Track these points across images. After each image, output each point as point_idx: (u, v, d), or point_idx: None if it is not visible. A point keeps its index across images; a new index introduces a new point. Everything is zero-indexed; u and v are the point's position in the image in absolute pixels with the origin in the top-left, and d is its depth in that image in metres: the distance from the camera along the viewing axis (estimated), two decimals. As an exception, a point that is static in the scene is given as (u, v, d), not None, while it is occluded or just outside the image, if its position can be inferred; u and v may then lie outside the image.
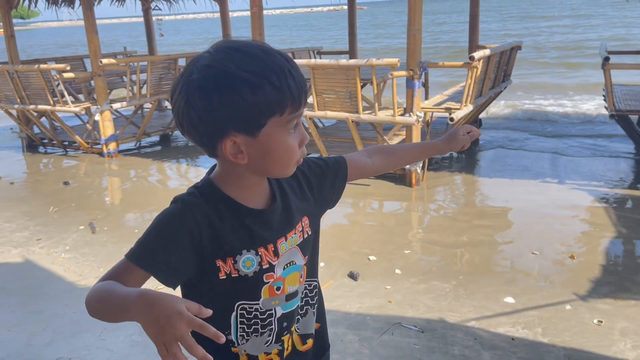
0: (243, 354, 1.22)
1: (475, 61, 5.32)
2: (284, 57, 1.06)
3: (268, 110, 1.03)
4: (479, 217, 4.85)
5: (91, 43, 7.30)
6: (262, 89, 1.01)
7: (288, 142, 1.09)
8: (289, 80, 1.03)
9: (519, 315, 3.15)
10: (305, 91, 1.09)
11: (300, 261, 1.25)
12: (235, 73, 1.01)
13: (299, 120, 1.11)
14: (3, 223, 5.08)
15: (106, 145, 7.59)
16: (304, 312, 1.30)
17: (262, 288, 1.18)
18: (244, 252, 1.13)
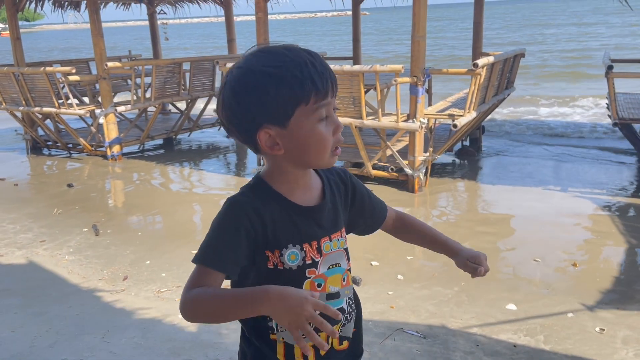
0: (281, 342, 1.27)
1: (478, 68, 5.34)
2: (307, 52, 1.14)
3: (293, 100, 1.11)
4: (481, 224, 4.85)
5: (97, 46, 7.34)
6: (284, 80, 1.10)
7: (318, 130, 1.15)
8: (311, 71, 1.11)
9: (520, 322, 3.15)
10: (331, 81, 1.14)
11: (345, 265, 1.32)
12: (259, 69, 1.11)
13: (329, 108, 1.16)
14: (7, 224, 5.11)
15: (110, 148, 7.62)
16: (350, 317, 1.35)
17: (304, 282, 1.24)
18: (289, 246, 1.21)
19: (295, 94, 1.11)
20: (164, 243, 4.56)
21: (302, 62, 1.11)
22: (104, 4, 10.01)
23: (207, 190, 6.45)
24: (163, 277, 3.89)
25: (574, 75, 15.43)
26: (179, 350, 2.94)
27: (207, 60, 8.62)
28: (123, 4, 10.66)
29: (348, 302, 1.33)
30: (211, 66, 8.58)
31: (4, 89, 8.01)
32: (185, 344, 3.00)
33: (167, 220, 5.32)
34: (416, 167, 5.71)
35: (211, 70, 8.63)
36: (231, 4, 9.89)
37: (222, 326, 3.16)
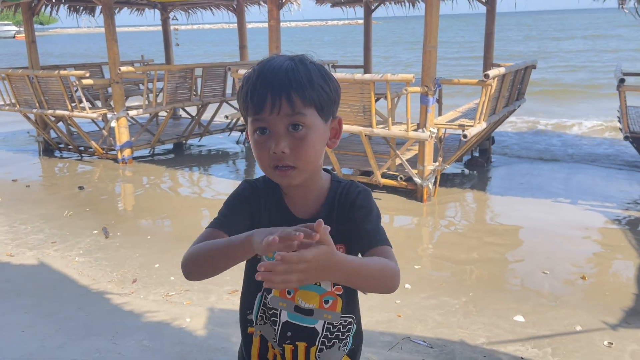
0: (257, 335, 1.34)
1: (489, 79, 5.35)
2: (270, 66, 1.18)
3: (244, 108, 1.21)
4: (489, 235, 4.85)
5: (111, 51, 7.43)
6: (242, 88, 1.21)
7: (253, 140, 1.22)
8: (253, 85, 1.17)
9: (528, 335, 3.14)
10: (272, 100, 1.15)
11: (327, 286, 1.29)
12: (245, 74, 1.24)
13: (272, 125, 1.17)
14: (19, 225, 5.16)
15: (121, 152, 7.69)
16: (331, 344, 1.32)
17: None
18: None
19: (243, 103, 1.20)
20: (172, 247, 4.58)
21: (255, 75, 1.17)
22: (118, 9, 10.13)
23: (215, 195, 6.48)
24: (172, 280, 3.91)
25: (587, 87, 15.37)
26: (186, 354, 2.96)
27: (219, 67, 8.68)
28: (137, 10, 10.77)
29: (328, 327, 1.30)
30: (223, 72, 8.64)
31: (18, 92, 8.11)
32: (193, 348, 3.02)
33: (176, 224, 5.35)
34: (425, 177, 5.71)
35: (222, 77, 8.69)
36: (244, 11, 9.97)
37: (232, 330, 3.18)
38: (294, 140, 1.17)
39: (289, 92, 1.14)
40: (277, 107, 1.15)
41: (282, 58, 1.20)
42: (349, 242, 1.28)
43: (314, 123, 1.19)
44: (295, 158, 1.18)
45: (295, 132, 1.17)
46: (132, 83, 9.34)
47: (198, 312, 3.43)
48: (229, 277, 3.91)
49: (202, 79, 8.40)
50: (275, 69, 1.16)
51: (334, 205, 1.29)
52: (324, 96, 1.19)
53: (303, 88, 1.15)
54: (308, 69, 1.18)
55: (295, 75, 1.15)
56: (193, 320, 3.33)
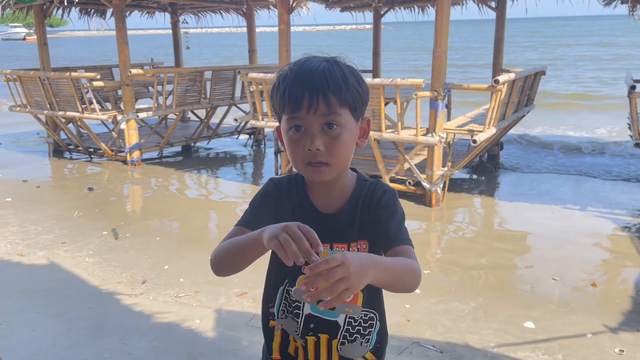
0: (278, 329, 1.39)
1: (499, 85, 5.35)
2: (307, 66, 1.21)
3: (279, 105, 1.25)
4: (498, 240, 4.83)
5: (121, 53, 7.48)
6: (278, 87, 1.24)
7: (287, 137, 1.25)
8: (290, 85, 1.20)
9: (538, 341, 3.12)
10: (309, 100, 1.19)
11: None
12: (279, 73, 1.27)
13: (307, 123, 1.20)
14: (29, 225, 5.20)
15: (130, 154, 7.73)
16: (352, 339, 1.35)
17: (299, 277, 1.32)
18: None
19: (279, 101, 1.23)
20: (181, 249, 4.60)
21: (293, 74, 1.21)
22: (129, 12, 10.20)
23: (223, 197, 6.50)
24: (181, 282, 3.92)
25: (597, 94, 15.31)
26: (196, 355, 2.97)
27: (228, 70, 8.72)
28: (147, 13, 10.84)
29: (349, 321, 1.33)
30: (232, 76, 8.68)
31: (29, 93, 8.18)
32: (203, 350, 3.03)
33: (184, 226, 5.37)
34: (434, 182, 5.71)
35: (232, 80, 8.73)
36: (253, 15, 10.01)
37: (241, 332, 3.19)
38: (328, 139, 1.21)
39: (326, 92, 1.18)
40: (315, 107, 1.18)
41: (318, 59, 1.24)
42: (372, 239, 1.32)
43: (348, 122, 1.24)
44: (328, 155, 1.22)
45: (330, 131, 1.21)
46: (142, 85, 9.40)
47: (207, 313, 3.44)
48: (237, 279, 3.93)
49: (212, 82, 8.44)
50: (312, 69, 1.20)
51: (358, 204, 1.33)
52: (357, 97, 1.24)
53: (339, 89, 1.20)
54: (343, 71, 1.22)
55: (332, 76, 1.20)
56: (202, 321, 3.34)
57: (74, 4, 8.68)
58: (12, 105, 8.66)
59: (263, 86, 6.30)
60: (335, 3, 9.45)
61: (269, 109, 6.41)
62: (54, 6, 8.35)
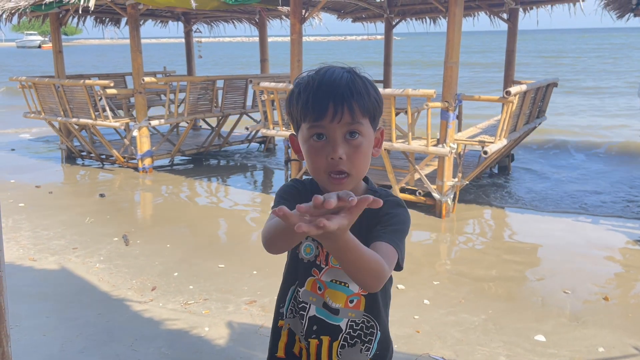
0: (285, 328, 1.42)
1: (511, 96, 5.34)
2: (329, 76, 1.22)
3: (300, 114, 1.24)
4: (509, 252, 4.80)
5: (135, 61, 7.56)
6: (298, 96, 1.24)
7: (307, 147, 1.24)
8: (312, 94, 1.21)
9: (549, 355, 3.09)
10: (334, 109, 1.19)
11: (355, 288, 1.35)
12: (298, 82, 1.28)
13: (330, 132, 1.21)
14: (41, 231, 5.24)
15: (142, 161, 7.79)
16: (353, 343, 1.38)
17: (308, 279, 1.37)
18: (309, 238, 1.33)
19: (301, 109, 1.23)
20: (191, 256, 4.62)
21: (316, 83, 1.21)
22: (143, 21, 10.32)
23: (233, 205, 6.52)
24: (190, 289, 3.93)
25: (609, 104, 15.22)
26: (204, 362, 2.97)
27: (240, 79, 8.79)
28: (161, 22, 10.96)
29: (351, 325, 1.36)
30: (244, 84, 8.74)
31: (44, 100, 8.29)
32: (212, 357, 3.03)
33: (195, 233, 5.39)
34: (444, 192, 5.69)
35: (243, 89, 8.79)
36: (265, 25, 10.09)
37: (250, 340, 3.18)
38: (350, 148, 1.22)
39: (351, 101, 1.20)
40: (340, 116, 1.20)
41: (339, 69, 1.26)
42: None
43: (368, 132, 1.26)
44: (350, 165, 1.23)
45: (352, 140, 1.23)
46: (155, 93, 9.49)
47: (216, 321, 3.44)
48: (247, 287, 3.93)
49: (223, 91, 8.50)
50: (336, 79, 1.22)
51: (365, 213, 1.29)
52: (377, 107, 1.27)
53: (362, 98, 1.22)
54: (363, 81, 1.25)
55: (355, 86, 1.22)
56: (211, 329, 3.34)
57: (90, 13, 8.81)
58: (26, 112, 8.77)
59: (274, 95, 6.34)
60: (347, 14, 9.51)
61: (280, 118, 6.44)
62: (70, 14, 8.47)
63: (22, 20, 8.75)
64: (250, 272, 4.19)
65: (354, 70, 1.27)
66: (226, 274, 4.22)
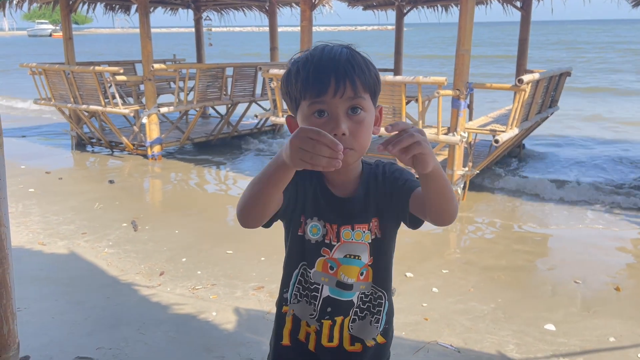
0: (290, 314, 1.40)
1: (523, 84, 5.27)
2: (328, 52, 1.20)
3: (298, 93, 1.21)
4: (519, 241, 4.75)
5: (144, 48, 7.54)
6: (297, 74, 1.21)
7: (308, 124, 1.19)
8: (311, 69, 1.18)
9: (559, 344, 3.06)
10: (335, 84, 1.17)
11: (365, 259, 1.35)
12: (295, 60, 1.25)
13: (331, 108, 1.18)
14: (51, 216, 5.27)
15: (151, 148, 7.79)
16: (363, 315, 1.39)
17: (318, 259, 1.34)
18: (315, 218, 1.33)
19: (300, 87, 1.20)
20: (199, 242, 4.61)
21: (316, 59, 1.19)
22: (152, 8, 10.29)
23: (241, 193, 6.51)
24: (198, 274, 3.93)
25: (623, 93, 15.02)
26: (212, 346, 2.97)
27: (249, 67, 8.75)
28: (171, 9, 10.93)
29: (361, 297, 1.36)
30: (253, 72, 8.70)
31: (54, 86, 8.30)
32: (219, 341, 3.03)
33: (203, 220, 5.39)
34: (454, 182, 5.64)
35: (253, 77, 8.76)
36: (276, 13, 10.03)
37: (257, 325, 3.18)
38: (353, 123, 1.20)
39: (353, 76, 1.19)
40: (341, 91, 1.17)
41: (337, 46, 1.23)
42: (383, 215, 1.34)
43: (370, 107, 1.24)
44: (353, 140, 1.21)
45: (354, 115, 1.21)
46: (164, 81, 9.48)
47: (224, 306, 3.44)
48: (255, 273, 3.93)
49: (233, 79, 8.48)
50: (335, 55, 1.20)
51: (370, 184, 1.36)
52: (377, 83, 1.26)
53: (363, 73, 1.21)
54: (362, 57, 1.24)
55: (356, 61, 1.21)
56: (219, 314, 3.34)
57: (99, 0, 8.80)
58: (37, 99, 8.79)
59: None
60: (358, 1, 9.42)
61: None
62: (80, 1, 8.47)
63: (32, 8, 8.77)
64: (258, 258, 4.18)
65: (351, 47, 1.25)
66: (234, 259, 4.22)
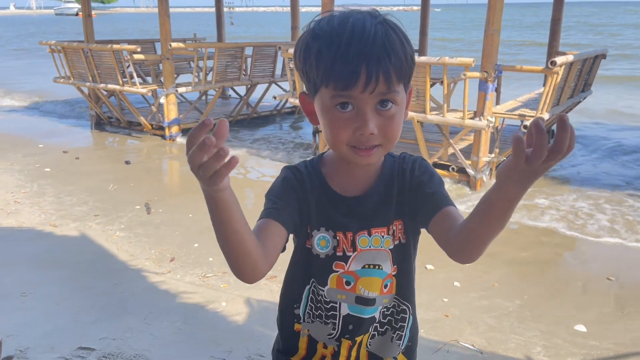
0: (304, 334, 1.20)
1: (556, 67, 4.96)
2: (361, 26, 0.96)
3: (318, 76, 0.99)
4: (546, 233, 4.51)
5: (163, 26, 7.38)
6: (319, 52, 0.98)
7: (329, 117, 1.01)
8: (337, 53, 0.95)
9: (591, 347, 2.84)
10: (367, 75, 0.95)
11: (388, 268, 1.14)
12: (312, 29, 1.02)
13: (358, 102, 0.98)
14: (64, 196, 5.19)
15: (169, 129, 7.68)
16: (383, 330, 1.19)
17: (330, 276, 1.14)
18: (322, 229, 1.12)
19: (321, 73, 0.98)
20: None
21: (339, 41, 0.95)
22: (173, -14, 10.12)
23: (260, 177, 6.37)
24: (210, 261, 3.80)
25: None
26: (220, 339, 2.83)
27: (269, 46, 8.54)
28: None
29: (382, 311, 1.17)
30: (273, 52, 8.49)
31: (73, 65, 8.21)
32: (227, 334, 2.89)
33: (218, 204, 5.25)
34: (479, 169, 5.40)
35: (273, 57, 8.55)
36: (298, -9, 9.76)
37: (268, 318, 3.03)
38: (382, 119, 1.01)
39: (388, 66, 0.96)
40: (373, 85, 0.96)
41: (369, 18, 0.98)
42: (407, 217, 1.14)
43: (402, 99, 1.04)
44: (382, 137, 1.02)
45: (384, 110, 1.01)
46: (184, 60, 9.32)
47: (234, 296, 3.29)
48: (268, 261, 3.76)
49: (252, 59, 8.28)
50: (368, 37, 0.95)
51: (394, 179, 1.14)
52: (412, 67, 1.02)
53: (400, 60, 0.98)
54: (398, 35, 0.99)
55: (392, 44, 0.96)
56: (229, 304, 3.20)
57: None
58: (56, 77, 8.73)
59: (303, 63, 6.08)
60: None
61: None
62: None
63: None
64: (272, 246, 4.03)
65: (386, 20, 1.00)
66: (247, 246, 4.06)
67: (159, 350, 2.72)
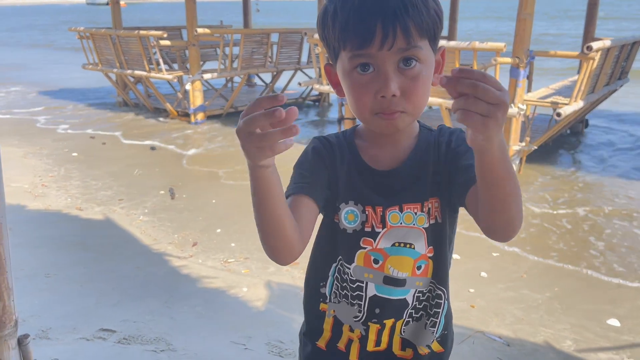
0: (330, 315, 1.14)
1: (592, 52, 4.77)
2: None
3: (336, 39, 0.95)
4: (579, 222, 4.35)
5: (189, 12, 7.37)
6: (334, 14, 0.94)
7: (349, 81, 0.96)
8: (351, 9, 0.91)
9: (624, 342, 2.72)
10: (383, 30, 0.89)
11: (421, 248, 1.06)
12: None
13: (378, 62, 0.92)
14: (90, 181, 5.23)
15: (194, 115, 7.69)
16: (418, 316, 1.11)
17: (357, 252, 1.07)
18: (350, 202, 1.06)
19: (337, 34, 0.94)
20: (236, 213, 4.45)
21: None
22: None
23: (284, 163, 6.32)
24: (232, 247, 3.77)
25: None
26: (240, 325, 2.80)
27: (295, 33, 8.46)
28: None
29: (417, 296, 1.09)
30: (299, 39, 8.41)
31: (101, 51, 8.29)
32: (247, 320, 2.85)
33: (242, 190, 5.21)
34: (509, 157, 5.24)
35: (299, 43, 8.47)
36: (324, -23, 9.64)
37: (289, 304, 2.99)
38: (406, 80, 0.93)
39: (406, 20, 0.90)
40: (391, 40, 0.90)
41: None
42: (444, 195, 1.05)
43: (428, 57, 0.96)
44: (406, 101, 0.94)
45: (407, 69, 0.93)
46: (210, 47, 9.31)
47: (255, 282, 3.26)
48: (290, 248, 3.71)
49: (278, 46, 8.21)
50: None
51: (429, 153, 1.06)
52: (437, 22, 0.95)
53: (420, 14, 0.91)
54: None
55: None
56: (250, 290, 3.16)
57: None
58: (84, 63, 8.82)
59: (329, 48, 5.99)
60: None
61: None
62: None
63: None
64: (294, 233, 3.98)
65: None
66: (270, 233, 4.03)
67: (178, 334, 2.70)
